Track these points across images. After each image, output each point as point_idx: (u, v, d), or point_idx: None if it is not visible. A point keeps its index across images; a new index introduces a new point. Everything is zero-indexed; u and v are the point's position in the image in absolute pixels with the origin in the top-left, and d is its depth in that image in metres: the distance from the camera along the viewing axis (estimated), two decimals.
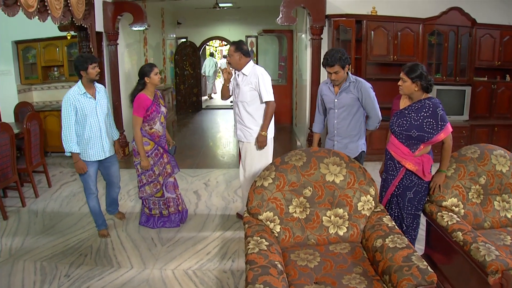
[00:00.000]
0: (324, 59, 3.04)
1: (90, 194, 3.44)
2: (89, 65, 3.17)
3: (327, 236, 2.48)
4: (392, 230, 2.29)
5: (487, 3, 5.83)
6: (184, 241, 3.46)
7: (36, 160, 4.65)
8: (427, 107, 2.53)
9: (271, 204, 2.45)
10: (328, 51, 3.08)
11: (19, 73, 6.37)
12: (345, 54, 3.01)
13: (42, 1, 3.87)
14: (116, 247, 3.37)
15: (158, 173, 3.52)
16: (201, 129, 8.87)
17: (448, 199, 2.63)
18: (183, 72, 10.51)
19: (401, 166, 2.67)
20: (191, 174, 5.34)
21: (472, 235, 2.25)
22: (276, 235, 2.43)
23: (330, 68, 3.01)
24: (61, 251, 3.30)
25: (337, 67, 2.99)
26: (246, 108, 3.49)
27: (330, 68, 3.01)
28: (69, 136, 3.18)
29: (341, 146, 3.22)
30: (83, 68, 3.17)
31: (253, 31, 10.54)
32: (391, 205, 2.78)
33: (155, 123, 3.42)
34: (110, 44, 5.76)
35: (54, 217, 4.00)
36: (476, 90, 5.78)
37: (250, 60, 3.48)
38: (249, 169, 3.60)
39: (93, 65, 3.20)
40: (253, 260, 2.03)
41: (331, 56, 2.97)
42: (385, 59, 5.69)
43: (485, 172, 2.67)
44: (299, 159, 2.54)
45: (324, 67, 3.07)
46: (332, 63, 2.97)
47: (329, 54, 2.99)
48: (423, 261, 1.97)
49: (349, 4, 5.72)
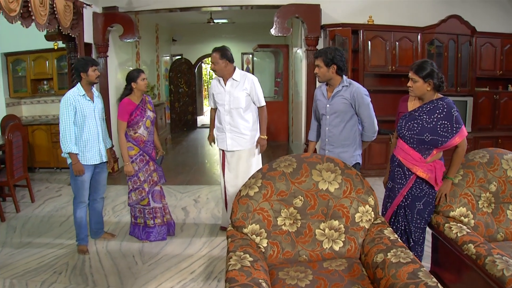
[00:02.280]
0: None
1: (81, 202, 3.28)
2: (90, 68, 3.15)
3: (321, 252, 2.20)
4: (395, 244, 2.02)
5: (486, 11, 5.70)
6: (168, 259, 3.18)
7: (18, 173, 4.42)
8: (440, 108, 2.29)
9: (257, 216, 2.18)
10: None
11: (7, 86, 6.20)
12: (337, 55, 2.74)
13: (26, 6, 3.73)
14: (93, 265, 3.10)
15: (143, 179, 3.39)
16: (195, 147, 8.62)
17: (456, 208, 2.36)
18: (178, 89, 10.33)
19: (411, 173, 2.40)
20: (180, 191, 5.08)
21: (486, 247, 1.98)
22: (262, 251, 2.15)
23: (315, 59, 2.83)
24: (35, 268, 3.05)
25: (319, 61, 2.79)
26: (242, 115, 3.39)
27: (315, 59, 2.83)
28: (68, 136, 3.08)
29: (333, 155, 2.92)
30: (84, 70, 3.14)
31: (248, 48, 10.45)
32: (398, 217, 2.50)
33: (139, 127, 3.33)
34: (99, 56, 5.60)
35: (33, 233, 3.76)
36: (478, 101, 5.58)
37: (236, 67, 3.44)
38: (244, 176, 3.37)
39: (94, 67, 3.18)
40: (234, 277, 1.75)
41: (321, 49, 2.85)
42: (383, 70, 5.52)
43: (495, 178, 2.41)
44: (289, 165, 2.28)
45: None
46: (317, 55, 2.81)
47: (322, 48, 2.87)
48: (431, 277, 1.69)
49: (345, 14, 5.59)
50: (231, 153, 3.47)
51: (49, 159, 6.08)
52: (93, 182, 3.37)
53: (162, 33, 9.69)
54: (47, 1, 4.07)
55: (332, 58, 2.73)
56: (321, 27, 5.44)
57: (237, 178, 3.48)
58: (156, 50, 9.26)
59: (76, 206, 3.28)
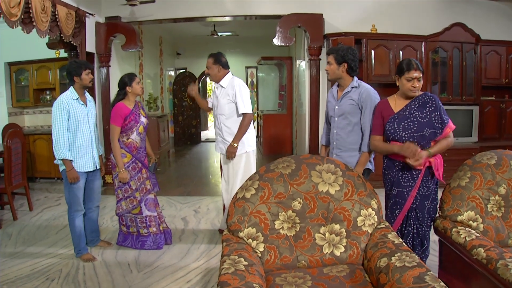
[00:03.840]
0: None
1: (77, 211, 3.16)
2: (83, 71, 3.06)
3: (321, 257, 2.08)
4: (399, 248, 1.90)
5: (490, 19, 5.64)
6: (164, 268, 3.06)
7: (17, 180, 4.37)
8: (429, 101, 2.35)
9: (253, 219, 2.08)
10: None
11: (10, 95, 6.22)
12: (349, 54, 2.67)
13: (27, 12, 3.74)
14: (87, 273, 2.99)
15: (135, 188, 3.29)
16: (198, 160, 8.55)
17: (463, 212, 2.24)
18: (182, 103, 10.33)
19: (418, 172, 2.34)
20: (181, 201, 4.97)
21: (497, 251, 1.85)
22: (259, 255, 2.04)
23: (327, 56, 2.79)
24: (27, 275, 2.95)
25: (331, 58, 2.74)
26: (224, 121, 3.41)
27: (327, 56, 2.79)
28: (62, 142, 2.96)
29: (340, 160, 2.80)
30: (77, 73, 3.05)
31: (253, 61, 10.47)
32: (409, 220, 2.41)
33: (132, 132, 3.25)
34: (102, 66, 5.60)
35: (28, 240, 3.67)
36: (484, 110, 5.47)
37: (229, 72, 3.44)
38: (232, 182, 3.46)
39: (87, 71, 3.09)
40: (226, 281, 1.64)
41: (334, 47, 2.83)
42: (387, 80, 5.42)
43: (505, 180, 2.30)
44: (287, 167, 2.19)
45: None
46: (329, 52, 2.79)
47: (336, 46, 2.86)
48: (439, 282, 1.57)
49: (347, 23, 5.56)
50: (222, 156, 3.53)
51: (50, 169, 6.03)
52: (87, 191, 3.27)
53: (166, 46, 9.75)
54: (49, 7, 4.10)
55: (343, 56, 2.67)
56: (324, 36, 5.41)
57: (227, 184, 3.54)
58: (160, 63, 9.30)
59: (73, 215, 3.16)
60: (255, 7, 5.72)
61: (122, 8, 5.56)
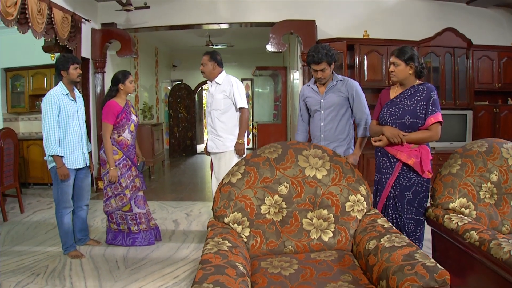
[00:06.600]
0: (309, 56, 2.70)
1: (66, 208, 3.10)
2: (71, 65, 3.02)
3: (308, 242, 2.03)
4: (389, 230, 1.85)
5: (481, 25, 5.72)
6: (152, 264, 2.98)
7: (8, 181, 4.31)
8: (421, 91, 2.28)
9: (239, 204, 2.03)
10: (312, 47, 2.74)
11: (6, 101, 6.21)
12: (332, 50, 2.72)
13: (23, 12, 3.78)
14: (74, 268, 2.92)
15: (125, 185, 3.25)
16: (193, 169, 8.48)
17: (455, 200, 2.20)
18: (177, 114, 10.32)
19: (396, 161, 2.30)
20: (173, 206, 4.89)
21: (490, 232, 1.80)
22: (244, 240, 1.98)
23: (317, 65, 2.69)
24: (12, 270, 2.89)
25: (324, 64, 2.69)
26: (219, 116, 3.35)
27: (317, 65, 2.69)
28: (52, 137, 2.91)
29: None
30: (64, 68, 3.01)
31: (248, 73, 10.55)
32: (387, 209, 2.36)
33: (124, 130, 3.24)
34: (96, 72, 5.63)
35: (17, 239, 3.61)
36: (478, 115, 5.47)
37: (223, 71, 3.44)
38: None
39: (75, 65, 3.05)
40: (208, 259, 1.58)
41: (317, 53, 2.65)
42: (380, 85, 5.46)
43: (496, 167, 2.26)
44: (274, 151, 2.16)
45: (309, 65, 2.78)
46: (319, 60, 2.66)
47: (315, 51, 2.66)
48: (430, 258, 1.53)
49: (340, 29, 5.63)
50: (213, 155, 3.45)
51: (43, 175, 5.95)
52: (76, 189, 3.21)
53: (162, 58, 9.81)
54: (45, 10, 4.14)
55: (332, 56, 2.70)
56: (317, 42, 5.46)
57: (218, 181, 3.43)
58: (156, 73, 9.35)
59: (62, 212, 3.09)
60: (249, 15, 5.80)
61: (118, 15, 5.63)
